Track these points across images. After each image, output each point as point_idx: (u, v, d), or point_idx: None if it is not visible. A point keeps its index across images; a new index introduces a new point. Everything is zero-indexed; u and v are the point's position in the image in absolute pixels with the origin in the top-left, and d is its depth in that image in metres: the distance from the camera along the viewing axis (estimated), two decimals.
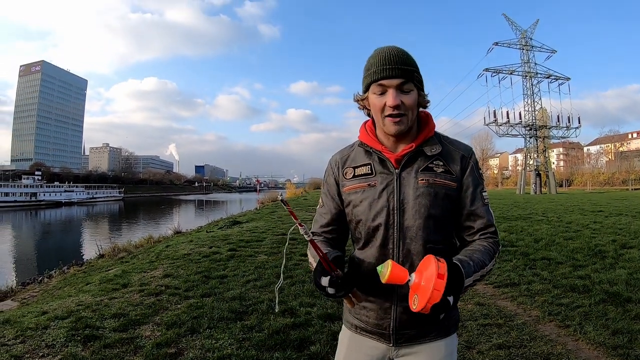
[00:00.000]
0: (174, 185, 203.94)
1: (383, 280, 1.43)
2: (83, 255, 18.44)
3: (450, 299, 1.36)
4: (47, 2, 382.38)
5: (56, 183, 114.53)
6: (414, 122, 1.73)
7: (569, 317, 5.11)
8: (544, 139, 66.23)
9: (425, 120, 1.78)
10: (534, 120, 65.31)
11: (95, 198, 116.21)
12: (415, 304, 1.38)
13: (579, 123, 63.31)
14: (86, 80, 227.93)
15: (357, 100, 1.80)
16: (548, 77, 65.55)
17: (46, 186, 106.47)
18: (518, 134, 65.83)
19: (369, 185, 1.74)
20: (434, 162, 1.71)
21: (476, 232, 1.72)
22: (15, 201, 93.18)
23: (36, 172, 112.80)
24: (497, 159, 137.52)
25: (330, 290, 1.53)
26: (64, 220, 54.15)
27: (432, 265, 1.39)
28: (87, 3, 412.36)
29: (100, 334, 4.75)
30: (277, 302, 2.55)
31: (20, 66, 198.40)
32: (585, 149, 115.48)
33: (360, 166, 1.79)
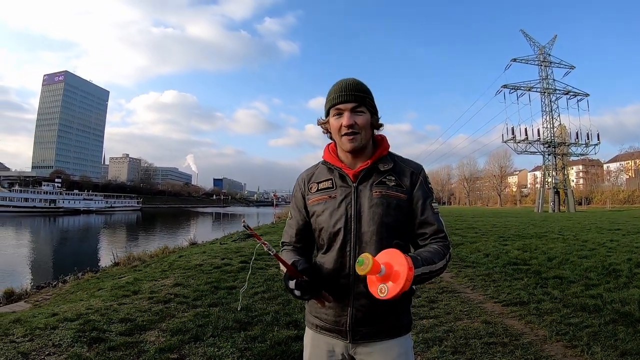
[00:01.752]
0: (192, 197, 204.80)
1: (363, 272, 1.55)
2: (99, 262, 18.54)
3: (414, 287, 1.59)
4: (72, 15, 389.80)
5: (75, 191, 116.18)
6: (369, 142, 1.99)
7: (576, 337, 5.01)
8: (562, 156, 65.39)
9: (380, 142, 2.04)
10: (552, 137, 64.54)
11: (113, 207, 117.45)
12: (385, 292, 1.52)
13: (598, 139, 62.45)
14: (108, 91, 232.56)
15: (320, 124, 2.07)
16: (567, 94, 64.92)
17: (65, 193, 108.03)
18: (536, 151, 65.15)
19: (329, 197, 1.97)
20: (387, 177, 1.94)
21: (428, 237, 1.91)
22: (35, 207, 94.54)
23: (56, 180, 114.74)
24: (516, 176, 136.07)
25: (297, 293, 1.75)
26: (81, 228, 54.64)
27: (402, 258, 1.57)
28: (110, 16, 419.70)
29: (106, 337, 4.86)
30: (240, 301, 2.78)
31: (44, 75, 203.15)
32: (605, 166, 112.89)
33: (323, 181, 2.03)
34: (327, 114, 1.99)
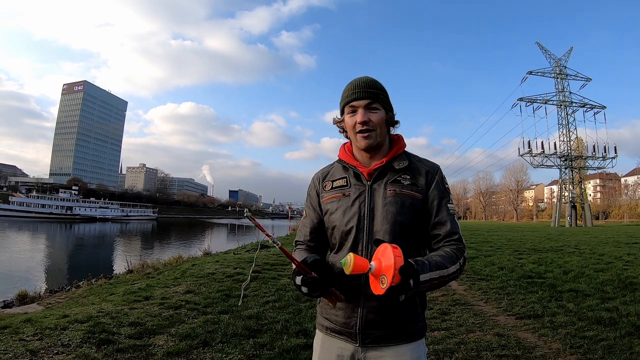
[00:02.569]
0: (207, 208, 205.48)
1: (347, 272, 1.53)
2: (113, 269, 18.65)
3: (411, 282, 1.48)
4: (92, 26, 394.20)
5: (92, 199, 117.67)
6: (385, 140, 1.97)
7: (591, 350, 4.92)
8: (579, 169, 64.29)
9: (396, 141, 2.02)
10: (569, 151, 63.68)
11: (129, 216, 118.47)
12: (384, 282, 1.47)
13: (615, 152, 61.21)
14: (126, 102, 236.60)
15: (336, 123, 2.07)
16: (583, 106, 63.98)
17: (82, 201, 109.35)
18: (553, 164, 64.15)
19: (343, 195, 1.95)
20: (402, 176, 1.91)
21: (441, 239, 1.86)
22: (52, 213, 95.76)
23: (73, 187, 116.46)
24: (533, 191, 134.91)
25: (304, 289, 1.68)
26: (97, 235, 54.97)
27: (389, 249, 1.52)
28: (129, 28, 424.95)
29: (115, 339, 4.89)
30: (242, 296, 2.75)
31: (64, 85, 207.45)
32: (622, 179, 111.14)
33: (338, 179, 2.02)
34: (342, 112, 1.98)
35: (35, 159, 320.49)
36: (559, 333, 5.61)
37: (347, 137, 2.02)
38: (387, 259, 1.50)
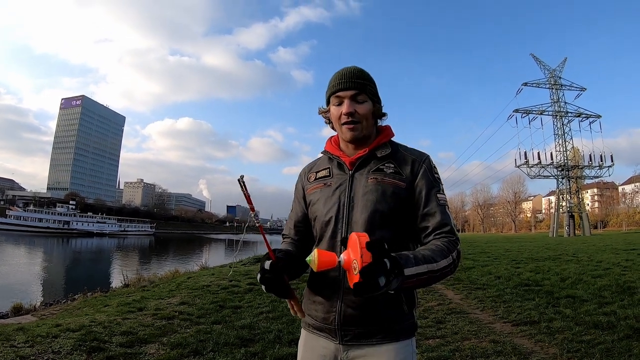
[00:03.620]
0: (205, 223, 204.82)
1: (315, 269, 1.49)
2: (109, 283, 18.57)
3: (387, 261, 1.35)
4: (91, 42, 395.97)
5: (89, 213, 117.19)
6: (372, 132, 1.90)
7: (588, 354, 4.89)
8: (576, 179, 64.49)
9: (382, 131, 1.95)
10: (565, 161, 63.85)
11: (126, 231, 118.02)
12: (356, 267, 1.37)
13: (612, 161, 61.40)
14: (124, 117, 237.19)
15: (321, 113, 1.99)
16: (579, 116, 64.25)
17: (79, 216, 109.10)
18: (550, 175, 64.41)
19: (325, 184, 1.91)
20: (385, 165, 1.83)
21: (431, 232, 1.75)
22: (49, 227, 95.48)
23: (71, 202, 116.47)
24: (530, 202, 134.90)
25: (264, 288, 1.59)
26: (94, 250, 54.79)
27: (353, 235, 1.45)
28: (128, 44, 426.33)
29: (106, 347, 4.87)
30: (231, 272, 2.64)
31: (62, 99, 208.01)
32: (620, 188, 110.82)
33: (322, 170, 1.97)
34: (328, 102, 1.91)
35: (33, 172, 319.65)
36: (556, 338, 5.58)
37: (332, 128, 1.96)
38: (352, 244, 1.44)
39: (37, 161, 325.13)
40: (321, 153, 2.04)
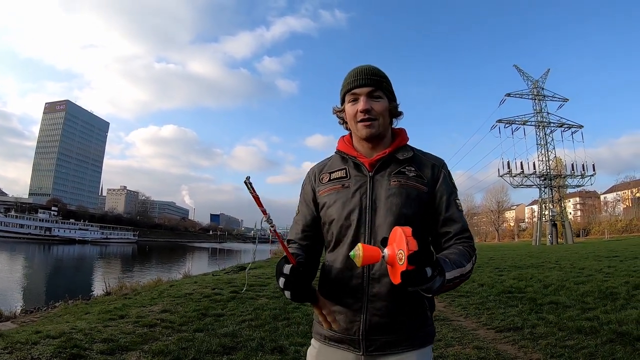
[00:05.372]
0: (189, 232, 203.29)
1: (359, 264, 1.42)
2: (91, 291, 18.35)
3: (429, 270, 1.31)
4: (77, 47, 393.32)
5: (71, 220, 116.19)
6: (387, 131, 1.87)
7: (572, 359, 4.96)
8: (559, 188, 65.35)
9: (399, 133, 1.91)
10: (548, 170, 64.58)
11: (109, 238, 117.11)
12: (402, 258, 1.31)
13: (594, 170, 62.39)
14: (108, 123, 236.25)
15: (335, 113, 1.96)
16: (561, 126, 65.14)
17: (61, 222, 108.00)
18: (532, 184, 65.12)
19: (342, 186, 1.82)
20: (406, 167, 1.79)
21: (453, 237, 1.75)
22: (30, 234, 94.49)
23: (53, 208, 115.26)
24: (514, 211, 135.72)
25: (282, 280, 1.53)
26: (76, 257, 54.16)
27: (398, 229, 1.39)
28: (114, 50, 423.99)
29: (87, 354, 4.82)
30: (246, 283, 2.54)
31: (46, 103, 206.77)
32: (602, 197, 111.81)
33: (336, 171, 1.88)
34: (342, 101, 1.88)
35: (16, 178, 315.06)
36: (539, 344, 5.63)
37: (346, 128, 1.93)
38: (397, 237, 1.39)
39: (20, 166, 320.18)
40: (335, 152, 1.97)
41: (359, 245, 1.42)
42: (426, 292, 1.41)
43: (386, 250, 1.41)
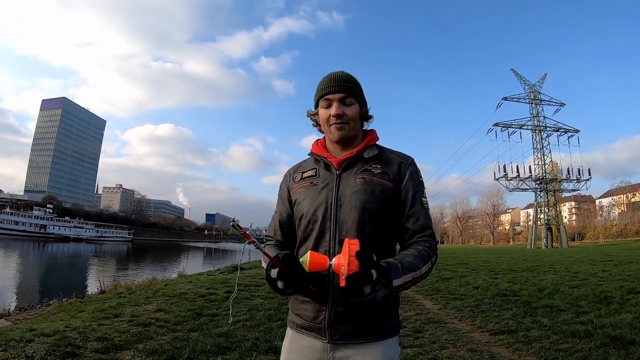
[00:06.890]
0: (184, 231, 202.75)
1: (306, 269, 1.53)
2: (85, 290, 18.32)
3: (374, 272, 1.42)
4: (73, 45, 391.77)
5: (67, 218, 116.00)
6: (358, 134, 1.98)
7: None
8: (554, 192, 65.58)
9: (368, 134, 2.01)
10: (544, 174, 64.83)
11: (104, 237, 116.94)
12: (344, 272, 1.43)
13: (590, 175, 62.52)
14: (104, 121, 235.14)
15: (310, 116, 2.06)
16: (557, 130, 65.40)
17: (56, 220, 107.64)
18: (528, 188, 65.35)
19: (311, 184, 1.94)
20: (372, 165, 1.89)
21: (413, 234, 1.83)
22: (25, 231, 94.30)
23: (48, 205, 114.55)
24: (509, 214, 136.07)
25: (280, 284, 1.57)
26: (71, 255, 54.02)
27: (346, 241, 1.50)
28: (110, 49, 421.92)
29: (81, 353, 4.81)
30: (231, 313, 2.64)
31: (42, 100, 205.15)
32: (597, 201, 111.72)
33: (308, 170, 2.01)
34: (316, 106, 1.97)
35: (12, 175, 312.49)
36: (533, 347, 5.63)
37: (320, 131, 2.02)
38: (344, 250, 1.48)
39: (16, 163, 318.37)
40: (308, 155, 2.07)
41: (308, 252, 1.57)
42: (369, 301, 1.49)
43: (334, 260, 1.53)
